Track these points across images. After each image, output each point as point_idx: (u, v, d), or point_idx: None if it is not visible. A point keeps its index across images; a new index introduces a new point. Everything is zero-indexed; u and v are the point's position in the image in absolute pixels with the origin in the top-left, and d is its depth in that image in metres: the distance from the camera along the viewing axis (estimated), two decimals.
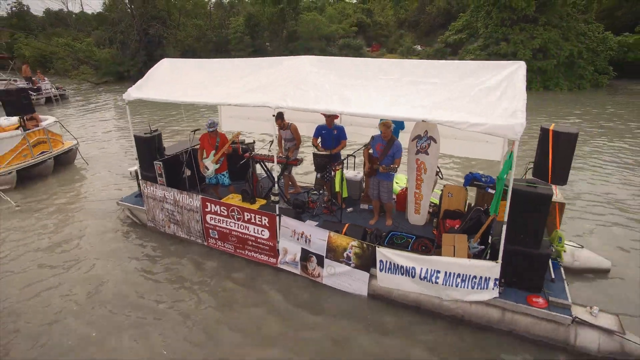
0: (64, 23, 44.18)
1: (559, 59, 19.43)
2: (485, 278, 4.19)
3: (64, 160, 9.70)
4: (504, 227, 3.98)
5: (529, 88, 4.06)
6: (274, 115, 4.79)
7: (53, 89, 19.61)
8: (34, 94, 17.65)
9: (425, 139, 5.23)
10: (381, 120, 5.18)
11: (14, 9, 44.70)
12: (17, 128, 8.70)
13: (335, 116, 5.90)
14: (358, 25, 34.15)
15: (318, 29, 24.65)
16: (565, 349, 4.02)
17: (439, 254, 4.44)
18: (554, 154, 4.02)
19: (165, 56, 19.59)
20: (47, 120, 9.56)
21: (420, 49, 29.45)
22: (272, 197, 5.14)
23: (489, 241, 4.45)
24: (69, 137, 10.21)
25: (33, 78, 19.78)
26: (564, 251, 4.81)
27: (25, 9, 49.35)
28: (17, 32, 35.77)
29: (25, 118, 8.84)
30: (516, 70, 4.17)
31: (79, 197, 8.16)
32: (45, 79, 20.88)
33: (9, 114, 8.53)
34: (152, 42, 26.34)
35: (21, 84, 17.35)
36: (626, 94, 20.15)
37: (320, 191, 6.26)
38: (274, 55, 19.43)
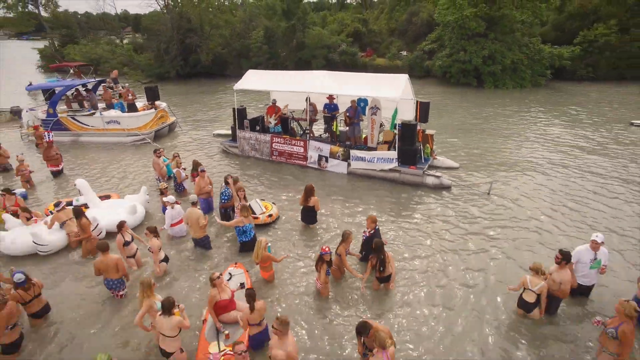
0: (99, 26, 50.31)
1: (504, 64, 25.78)
2: (392, 159, 10.59)
3: (171, 128, 16.09)
4: (396, 138, 10.40)
5: (483, 87, 10.59)
6: (306, 100, 11.22)
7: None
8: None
9: (374, 108, 11.59)
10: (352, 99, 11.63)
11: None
12: (149, 108, 15.12)
13: (333, 97, 12.24)
14: (354, 33, 40.51)
15: (321, 40, 31.18)
16: (421, 185, 10.42)
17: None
18: (420, 110, 10.46)
19: (198, 61, 26.08)
20: (162, 104, 15.95)
21: (404, 54, 35.76)
22: (306, 132, 11.56)
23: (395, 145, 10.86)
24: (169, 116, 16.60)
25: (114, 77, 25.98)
26: (430, 156, 11.22)
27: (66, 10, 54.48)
28: (69, 44, 42.10)
29: (154, 102, 15.25)
30: (402, 78, 10.57)
31: (189, 143, 14.49)
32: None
33: (148, 99, 14.96)
34: (187, 49, 32.69)
35: (111, 84, 23.43)
36: (555, 89, 26.43)
37: (327, 134, 12.67)
38: (286, 60, 25.95)
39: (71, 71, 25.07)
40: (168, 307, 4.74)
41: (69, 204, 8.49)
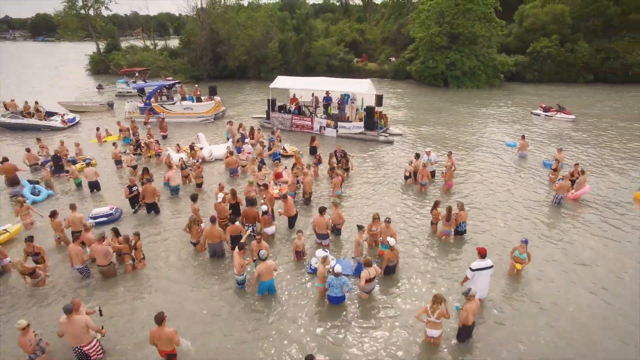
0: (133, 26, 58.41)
1: (463, 70, 33.68)
2: (361, 127, 18.73)
3: (223, 113, 24.30)
4: (364, 116, 18.56)
5: (448, 87, 18.91)
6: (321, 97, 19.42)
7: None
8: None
9: (352, 99, 19.74)
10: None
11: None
12: (210, 100, 23.33)
13: (328, 93, 20.36)
14: (352, 42, 48.66)
15: (324, 50, 39.28)
16: (376, 141, 18.53)
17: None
18: (377, 100, 18.65)
19: (225, 66, 34.75)
20: (217, 97, 24.14)
21: (392, 60, 43.81)
22: (312, 114, 19.75)
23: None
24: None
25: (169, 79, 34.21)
26: (384, 126, 19.33)
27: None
28: (114, 53, 50.62)
29: (213, 95, 23.50)
30: (366, 81, 18.78)
31: (236, 122, 22.64)
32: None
33: (211, 93, 23.24)
34: (217, 57, 40.95)
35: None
36: (505, 89, 34.29)
37: (325, 114, 20.84)
38: (296, 66, 34.83)
39: (136, 74, 33.45)
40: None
41: (191, 147, 16.54)
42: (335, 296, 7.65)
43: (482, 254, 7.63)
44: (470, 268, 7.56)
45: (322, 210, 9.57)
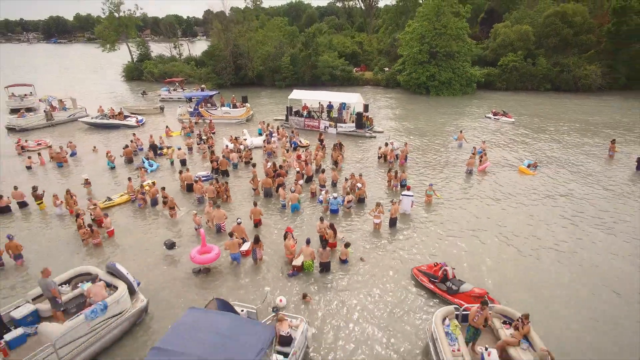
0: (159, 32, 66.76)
1: (440, 81, 41.48)
2: (354, 126, 26.61)
3: (252, 117, 32.27)
4: (355, 118, 26.49)
5: (429, 94, 27.16)
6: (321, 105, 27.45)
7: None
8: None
9: (347, 107, 27.69)
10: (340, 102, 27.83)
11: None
12: (242, 106, 31.32)
13: (330, 102, 28.33)
14: (352, 54, 56.63)
15: (328, 63, 47.33)
16: (364, 137, 26.42)
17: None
18: (365, 107, 26.55)
19: (245, 75, 43.38)
20: (247, 104, 32.09)
21: (387, 70, 51.65)
22: (319, 117, 27.74)
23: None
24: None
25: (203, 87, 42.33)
26: (370, 125, 27.22)
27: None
28: (146, 61, 58.89)
29: (244, 102, 31.49)
30: (356, 95, 26.79)
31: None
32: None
33: (243, 101, 31.25)
34: (237, 67, 48.99)
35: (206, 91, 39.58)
36: (476, 96, 42.00)
37: (328, 117, 28.82)
38: (304, 76, 43.62)
39: (177, 84, 41.55)
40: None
41: (236, 138, 24.40)
42: (333, 209, 15.59)
43: (408, 189, 15.61)
44: (401, 194, 15.50)
45: (322, 171, 17.63)
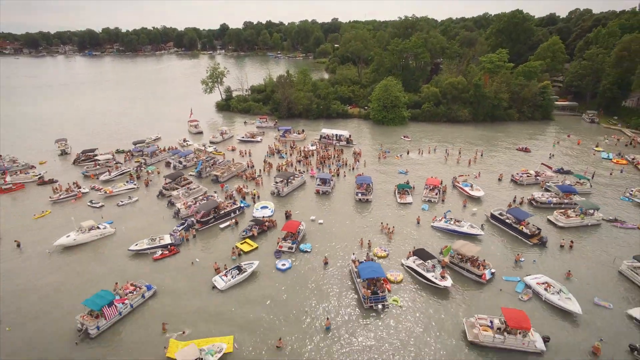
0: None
1: (389, 117, 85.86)
2: (345, 143, 71.72)
3: (305, 139, 77.14)
4: (346, 139, 71.70)
5: (384, 124, 74.36)
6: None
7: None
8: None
9: (342, 134, 72.84)
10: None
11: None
12: (301, 132, 76.36)
13: (335, 133, 73.36)
14: (347, 98, 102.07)
15: (335, 106, 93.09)
16: (351, 146, 71.53)
17: None
18: (350, 135, 71.79)
19: (292, 110, 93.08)
20: (304, 130, 77.05)
21: (367, 108, 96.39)
22: (333, 139, 73.19)
23: None
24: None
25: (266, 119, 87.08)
26: (353, 144, 72.34)
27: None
28: (231, 100, 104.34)
29: (303, 130, 76.53)
30: (345, 131, 72.19)
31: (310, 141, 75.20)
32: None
33: (299, 130, 76.53)
34: (287, 105, 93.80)
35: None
36: (410, 126, 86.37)
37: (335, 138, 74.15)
38: (323, 113, 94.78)
39: (266, 118, 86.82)
40: None
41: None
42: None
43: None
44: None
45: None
